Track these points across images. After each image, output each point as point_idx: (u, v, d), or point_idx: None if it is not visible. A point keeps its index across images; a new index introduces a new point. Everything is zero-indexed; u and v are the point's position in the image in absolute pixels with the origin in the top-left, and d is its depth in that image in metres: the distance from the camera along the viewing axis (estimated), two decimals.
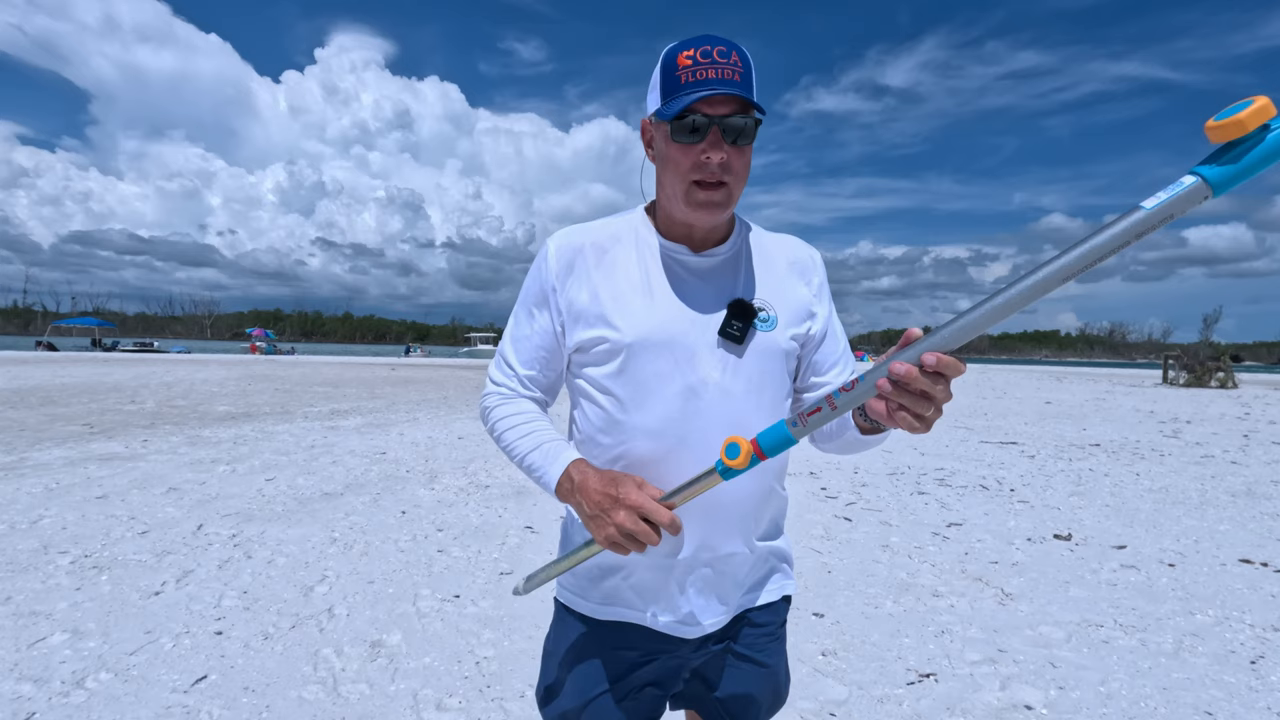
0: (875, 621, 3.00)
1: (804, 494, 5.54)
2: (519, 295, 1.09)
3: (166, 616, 2.86)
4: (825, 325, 1.09)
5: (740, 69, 0.92)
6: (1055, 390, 20.82)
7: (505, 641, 2.73)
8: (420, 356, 52.29)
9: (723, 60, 0.91)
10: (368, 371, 23.79)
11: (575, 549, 0.96)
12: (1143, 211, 0.58)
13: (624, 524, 0.84)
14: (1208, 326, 40.78)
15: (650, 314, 0.99)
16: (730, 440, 0.79)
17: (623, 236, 1.05)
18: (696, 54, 0.91)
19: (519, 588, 1.03)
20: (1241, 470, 6.88)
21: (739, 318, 0.99)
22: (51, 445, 6.87)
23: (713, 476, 0.82)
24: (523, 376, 1.07)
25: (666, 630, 1.04)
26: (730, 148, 0.93)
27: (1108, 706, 2.32)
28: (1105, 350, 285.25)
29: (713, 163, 0.92)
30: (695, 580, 1.03)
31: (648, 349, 0.98)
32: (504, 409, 1.06)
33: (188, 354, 39.03)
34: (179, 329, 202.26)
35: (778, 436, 0.79)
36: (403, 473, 6.02)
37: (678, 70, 0.92)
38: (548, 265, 1.03)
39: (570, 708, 1.06)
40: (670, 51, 0.95)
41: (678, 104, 0.91)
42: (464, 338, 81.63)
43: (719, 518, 1.00)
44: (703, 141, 0.92)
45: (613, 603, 1.06)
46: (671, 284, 1.02)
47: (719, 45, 0.92)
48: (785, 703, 1.18)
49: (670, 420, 0.97)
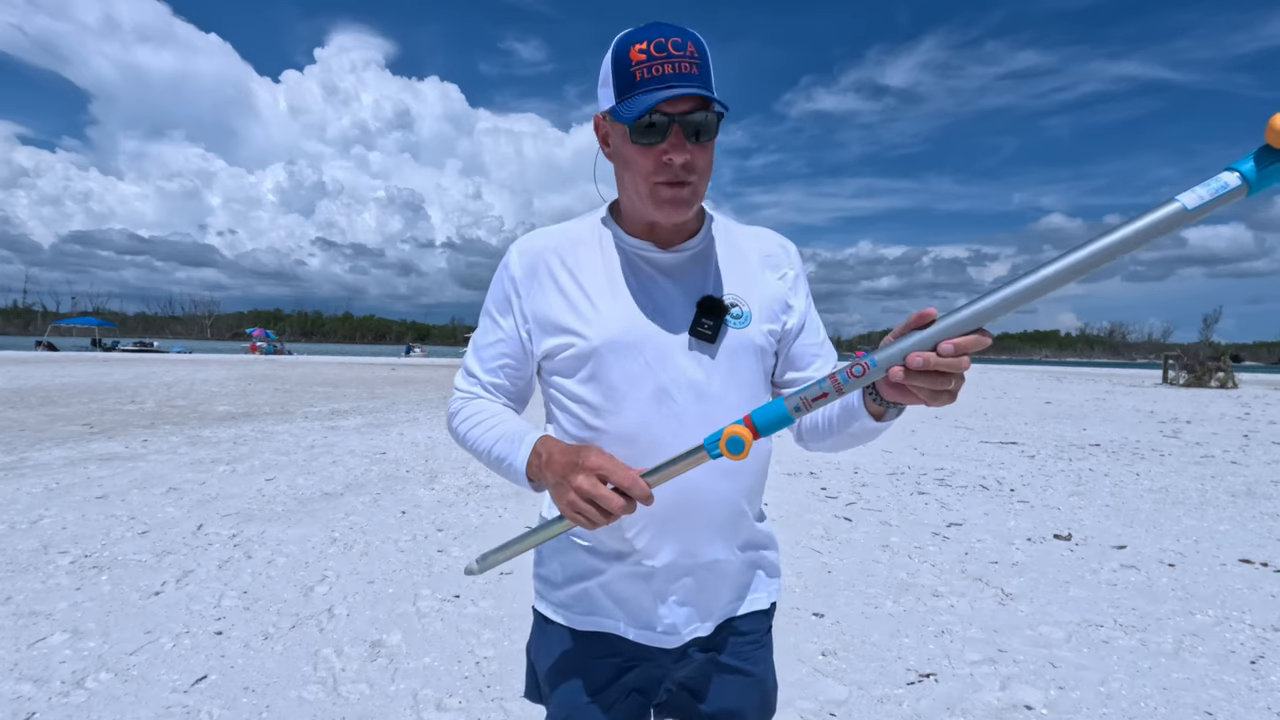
0: (875, 621, 3.00)
1: (804, 494, 5.54)
2: (483, 303, 1.06)
3: (166, 616, 2.86)
4: (802, 318, 1.06)
5: (697, 59, 0.86)
6: (1055, 390, 20.81)
7: (505, 641, 2.73)
8: (420, 356, 52.29)
9: (678, 53, 0.85)
10: (368, 371, 23.79)
11: (540, 525, 0.89)
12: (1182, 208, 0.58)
13: (582, 486, 0.79)
14: (1208, 326, 40.79)
15: (617, 315, 0.95)
16: (733, 434, 0.75)
17: (586, 238, 1.01)
18: (650, 47, 0.85)
19: (472, 567, 0.92)
20: (1241, 470, 6.88)
21: (710, 315, 0.95)
22: (51, 445, 6.87)
23: (700, 454, 0.78)
24: (486, 383, 1.04)
25: (648, 641, 1.01)
26: (693, 146, 0.89)
27: (1108, 706, 2.32)
28: (1105, 350, 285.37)
29: (675, 164, 0.88)
30: (676, 590, 1.00)
31: (616, 352, 0.94)
32: (465, 410, 1.03)
33: (188, 354, 39.03)
34: (179, 329, 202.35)
35: (774, 414, 0.74)
36: (403, 473, 6.02)
37: (631, 66, 0.86)
38: (510, 272, 1.01)
39: (555, 717, 1.05)
40: (620, 43, 0.87)
41: (636, 105, 0.85)
42: (464, 338, 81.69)
43: (699, 524, 0.97)
44: (664, 142, 0.88)
45: (591, 613, 1.03)
46: (639, 283, 0.98)
47: (673, 36, 0.85)
48: (774, 712, 1.14)
49: (645, 425, 0.94)
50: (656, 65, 0.85)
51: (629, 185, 0.95)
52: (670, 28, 0.87)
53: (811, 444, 1.05)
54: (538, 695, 1.11)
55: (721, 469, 0.92)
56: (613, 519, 0.80)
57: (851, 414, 0.91)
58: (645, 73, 0.85)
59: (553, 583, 1.07)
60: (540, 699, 1.11)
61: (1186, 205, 0.57)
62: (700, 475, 0.92)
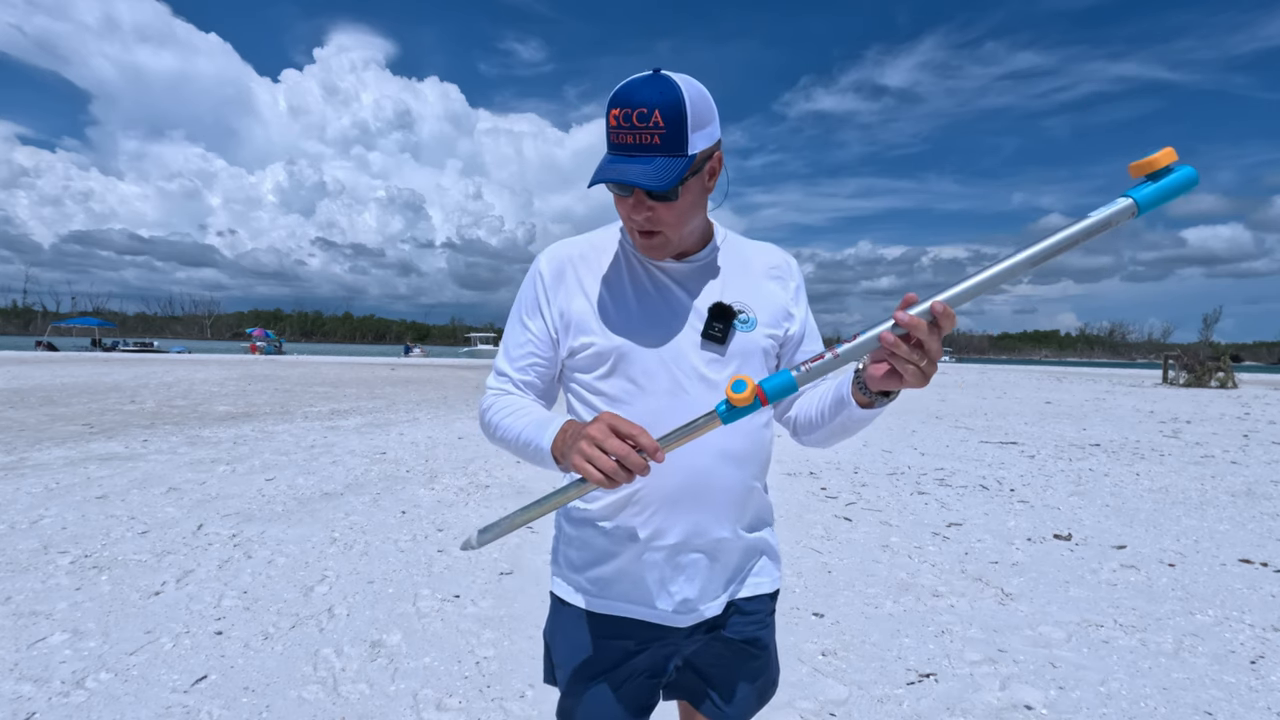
0: (875, 621, 3.00)
1: (804, 494, 5.54)
2: (512, 308, 1.14)
3: (166, 616, 2.86)
4: (803, 326, 1.15)
5: (662, 130, 0.91)
6: (1055, 390, 20.82)
7: (505, 641, 2.73)
8: (420, 356, 52.29)
9: (641, 124, 0.91)
10: (368, 371, 23.80)
11: (550, 494, 0.89)
12: (1091, 219, 0.72)
13: (593, 433, 0.82)
14: (1207, 326, 40.85)
15: (637, 317, 1.05)
16: (736, 377, 0.79)
17: (607, 247, 1.11)
18: (620, 116, 0.92)
19: (471, 540, 0.93)
20: (1241, 470, 6.88)
21: (720, 319, 1.04)
22: (51, 445, 6.87)
23: (712, 419, 0.82)
24: (517, 381, 1.10)
25: (661, 620, 1.07)
26: (657, 203, 0.96)
27: (1108, 706, 2.32)
28: (1105, 350, 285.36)
29: (638, 220, 0.98)
30: (688, 566, 1.05)
31: (636, 350, 1.03)
32: (499, 402, 1.08)
33: (188, 354, 39.04)
34: (179, 329, 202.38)
35: (781, 381, 0.80)
36: (403, 473, 6.02)
37: (609, 126, 0.94)
38: (540, 277, 1.09)
39: (568, 698, 1.10)
40: (611, 99, 0.94)
41: (599, 174, 0.93)
42: (464, 338, 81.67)
43: (709, 504, 1.04)
44: (630, 197, 0.97)
45: (606, 595, 1.09)
46: (655, 289, 1.07)
47: (639, 107, 0.90)
48: (776, 691, 1.21)
49: (660, 414, 0.99)
50: (622, 134, 0.93)
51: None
52: (640, 95, 0.91)
53: (805, 437, 1.12)
54: (553, 678, 1.16)
55: (730, 455, 1.04)
56: (622, 474, 0.81)
57: (841, 403, 0.99)
58: (615, 137, 0.94)
59: (571, 565, 1.13)
60: (556, 682, 1.16)
61: (1091, 217, 0.72)
62: (710, 461, 1.02)
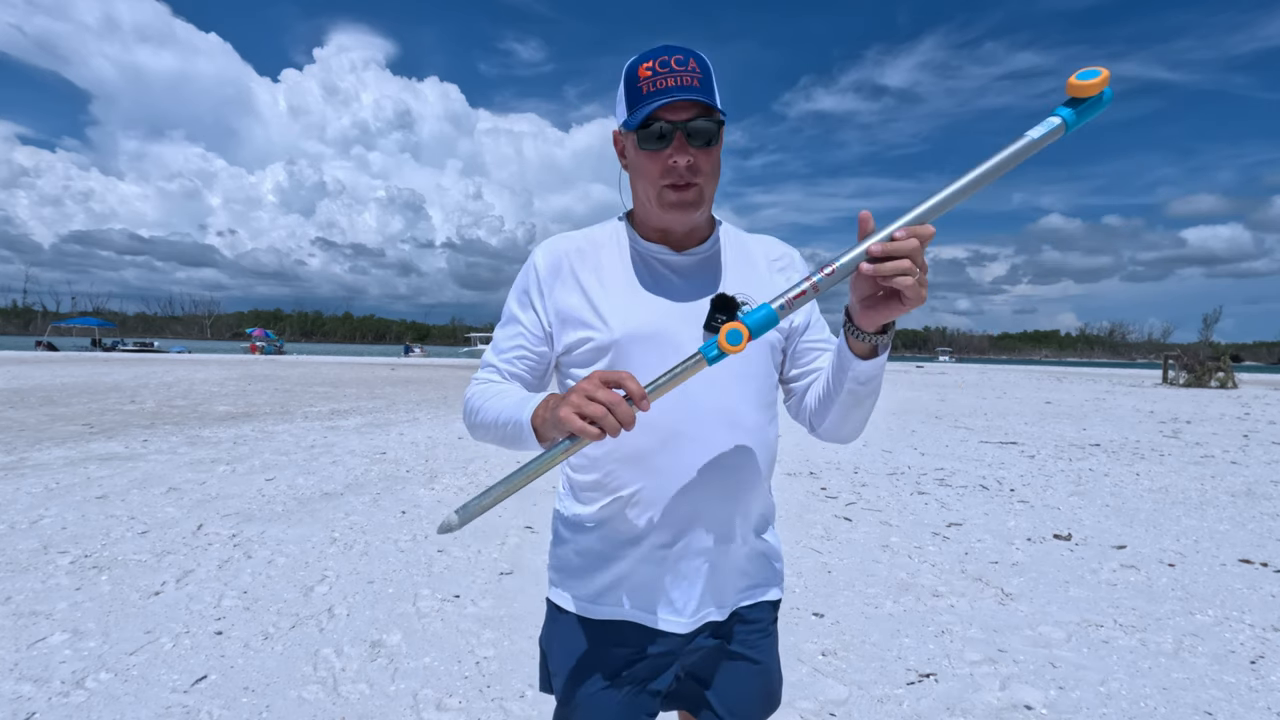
0: (875, 621, 3.00)
1: (804, 494, 5.54)
2: (505, 302, 1.12)
3: (166, 616, 2.86)
4: (808, 316, 1.12)
5: (699, 74, 0.95)
6: (1055, 390, 20.82)
7: (505, 641, 2.73)
8: (420, 356, 52.27)
9: (680, 68, 0.95)
10: (367, 371, 23.80)
11: (533, 460, 0.83)
12: (1027, 139, 0.76)
13: (582, 385, 0.80)
14: (1207, 326, 40.85)
15: (636, 310, 1.02)
16: (731, 327, 0.78)
17: (605, 241, 1.09)
18: (655, 64, 0.95)
19: (450, 521, 0.86)
20: (1241, 470, 6.88)
21: (722, 311, 1.02)
22: (51, 445, 6.87)
23: (699, 362, 0.80)
24: (504, 373, 1.07)
25: (660, 627, 1.04)
26: (696, 150, 0.97)
27: (1108, 706, 2.32)
28: (1105, 350, 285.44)
29: (680, 166, 0.96)
30: (689, 570, 1.03)
31: (634, 344, 1.00)
32: (482, 390, 1.05)
33: (188, 354, 39.04)
34: (179, 329, 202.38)
35: (763, 315, 0.79)
36: (403, 473, 6.02)
37: (639, 82, 0.96)
38: (535, 271, 1.07)
39: (564, 707, 1.08)
40: (631, 65, 0.99)
41: (641, 113, 0.95)
42: (464, 338, 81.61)
43: (711, 506, 1.02)
44: (669, 147, 0.96)
45: (604, 600, 1.06)
46: (655, 282, 1.05)
47: (676, 54, 0.96)
48: (779, 704, 1.17)
49: (662, 411, 0.96)
50: (661, 79, 0.95)
51: (641, 192, 1.03)
52: (675, 48, 0.97)
53: (819, 420, 1.05)
54: (549, 686, 1.13)
55: (733, 456, 1.01)
56: (611, 421, 0.77)
57: (844, 363, 0.94)
58: (650, 86, 0.95)
59: (567, 571, 1.10)
60: (552, 690, 1.13)
61: (1033, 136, 0.76)
62: (713, 461, 1.00)
